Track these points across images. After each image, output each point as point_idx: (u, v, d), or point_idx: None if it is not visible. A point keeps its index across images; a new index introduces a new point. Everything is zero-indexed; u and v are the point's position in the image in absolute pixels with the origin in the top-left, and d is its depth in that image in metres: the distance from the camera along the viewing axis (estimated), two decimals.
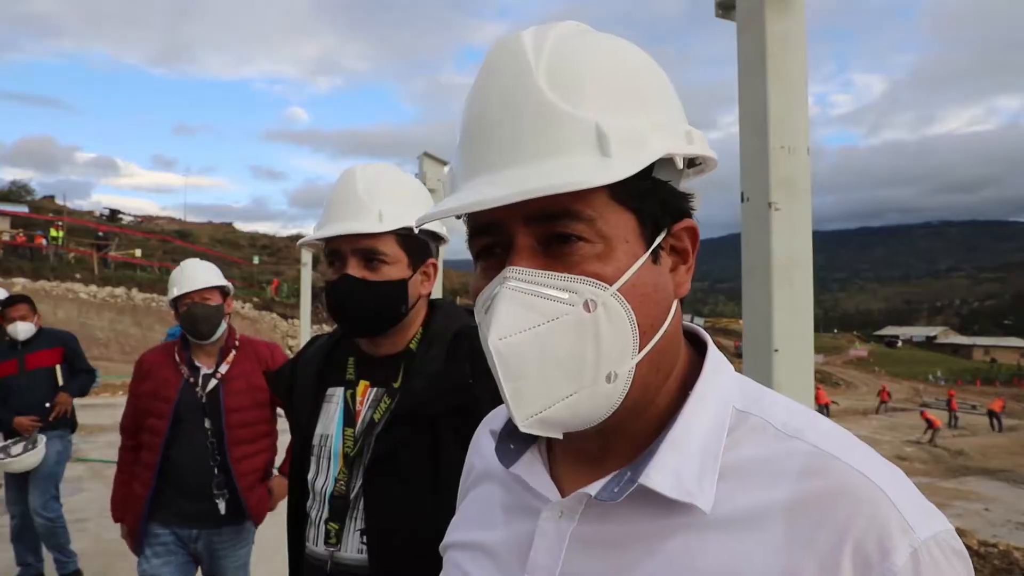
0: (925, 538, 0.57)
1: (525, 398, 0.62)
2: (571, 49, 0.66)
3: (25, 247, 34.27)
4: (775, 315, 2.17)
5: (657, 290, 0.66)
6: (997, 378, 70.00)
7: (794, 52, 2.21)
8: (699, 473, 0.64)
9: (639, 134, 0.63)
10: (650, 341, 0.65)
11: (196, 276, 3.19)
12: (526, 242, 0.64)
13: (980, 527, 12.35)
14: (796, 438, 0.64)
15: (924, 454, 23.17)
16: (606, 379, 0.63)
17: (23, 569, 4.97)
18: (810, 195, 2.24)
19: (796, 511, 0.60)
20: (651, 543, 0.64)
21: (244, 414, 3.10)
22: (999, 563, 7.62)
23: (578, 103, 0.63)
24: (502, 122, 0.64)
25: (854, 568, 0.56)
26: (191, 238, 55.68)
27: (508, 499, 0.79)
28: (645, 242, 0.66)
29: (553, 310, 0.62)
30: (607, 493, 0.65)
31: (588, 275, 0.63)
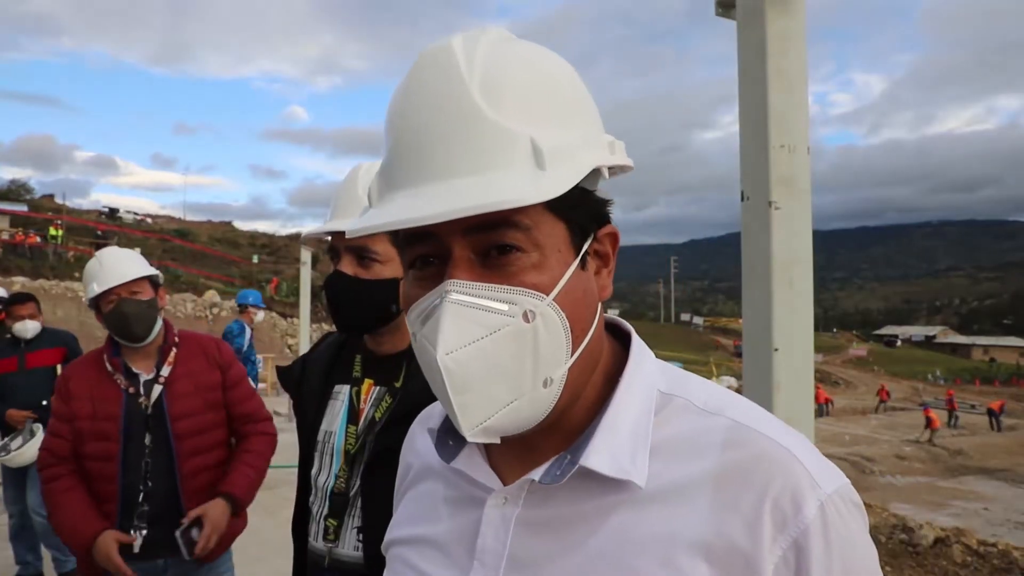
0: (830, 492, 0.65)
1: (471, 410, 0.64)
2: (503, 60, 0.67)
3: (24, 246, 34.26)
4: (775, 314, 2.17)
5: (586, 295, 0.69)
6: (996, 378, 70.06)
7: (794, 51, 2.21)
8: (632, 452, 0.69)
9: (570, 148, 0.65)
10: (581, 344, 0.68)
11: (120, 268, 2.64)
12: (464, 254, 0.65)
13: (979, 527, 12.36)
14: (717, 414, 0.70)
15: (923, 453, 23.19)
16: (543, 384, 0.65)
17: (22, 568, 4.97)
18: (810, 194, 2.23)
19: (721, 479, 0.66)
20: (593, 521, 0.69)
21: (195, 419, 2.65)
22: (998, 562, 7.63)
23: (512, 116, 0.64)
24: (435, 134, 0.64)
25: (773, 523, 0.63)
26: (190, 237, 55.69)
27: (451, 493, 0.81)
28: (574, 249, 0.69)
29: (495, 322, 0.64)
30: (550, 476, 0.69)
31: (526, 286, 0.65)
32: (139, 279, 2.64)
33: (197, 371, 2.72)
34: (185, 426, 2.61)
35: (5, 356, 4.89)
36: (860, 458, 20.97)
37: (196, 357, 2.75)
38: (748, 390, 2.28)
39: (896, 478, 19.72)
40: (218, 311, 29.31)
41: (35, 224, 40.05)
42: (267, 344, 27.18)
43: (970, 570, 7.67)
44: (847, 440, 24.81)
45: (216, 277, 41.48)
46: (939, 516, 13.55)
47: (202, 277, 38.66)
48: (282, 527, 1.79)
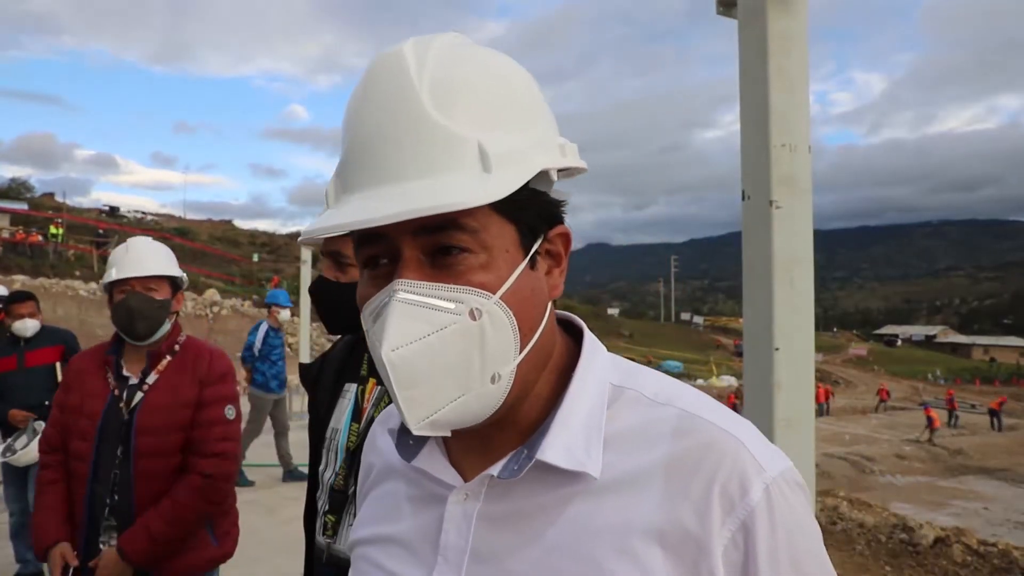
0: (775, 475, 0.68)
1: (417, 404, 0.66)
2: (453, 65, 0.69)
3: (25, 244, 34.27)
4: (776, 313, 2.16)
5: (535, 294, 0.72)
6: (996, 377, 69.95)
7: (795, 50, 2.21)
8: (586, 444, 0.71)
9: (519, 151, 0.68)
10: (530, 342, 0.71)
11: (143, 259, 2.52)
12: (413, 254, 0.67)
13: (979, 526, 12.35)
14: (667, 405, 0.73)
15: (923, 453, 23.18)
16: (491, 380, 0.68)
17: (22, 566, 4.97)
18: (811, 193, 2.23)
19: (672, 467, 0.69)
20: (551, 512, 0.71)
21: (158, 439, 2.40)
22: (998, 562, 7.63)
23: (461, 121, 0.66)
24: (387, 138, 0.67)
25: (721, 507, 0.66)
26: (190, 236, 55.68)
27: (413, 492, 0.82)
28: (524, 250, 0.71)
29: (441, 320, 0.66)
30: (508, 471, 0.72)
31: (473, 285, 0.67)
32: (158, 276, 2.51)
33: (179, 385, 2.49)
34: (146, 443, 2.38)
35: (4, 355, 4.88)
36: (860, 457, 20.95)
37: (185, 370, 2.53)
38: (749, 389, 2.28)
39: (896, 478, 19.71)
40: (218, 310, 29.30)
41: (36, 222, 40.05)
42: None
43: (970, 570, 7.67)
44: (847, 439, 24.80)
45: (216, 276, 41.48)
46: (939, 516, 13.54)
47: (202, 276, 38.66)
48: (282, 526, 1.81)
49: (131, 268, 2.47)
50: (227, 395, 2.57)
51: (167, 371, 2.51)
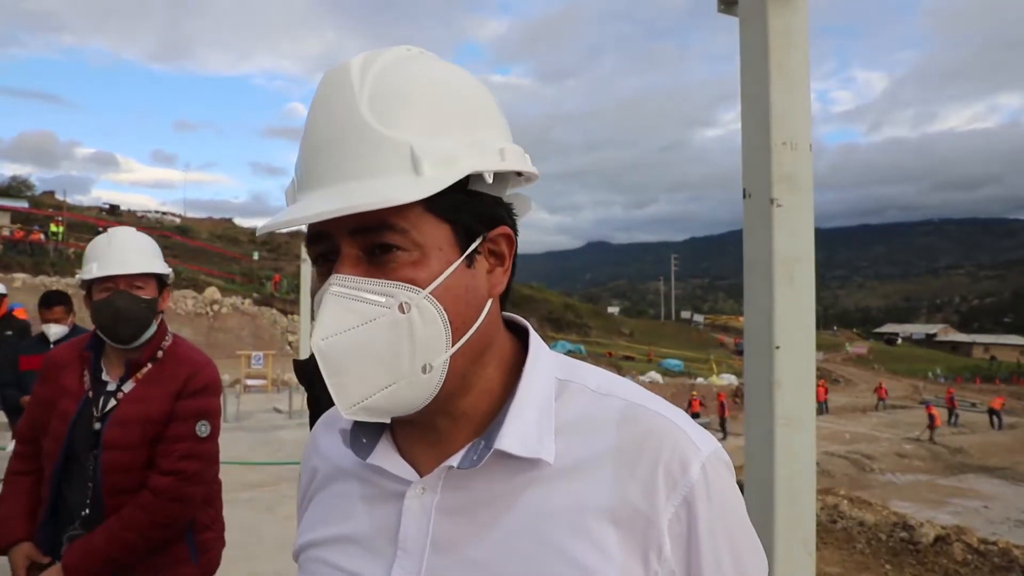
0: (708, 454, 0.75)
1: (347, 390, 0.71)
2: (394, 76, 0.73)
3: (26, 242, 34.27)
4: (776, 312, 2.16)
5: (469, 291, 0.75)
6: (997, 376, 69.82)
7: (796, 48, 2.20)
8: (539, 433, 0.76)
9: (449, 154, 0.71)
10: (463, 336, 0.74)
11: (129, 255, 2.27)
12: (350, 252, 0.72)
13: (979, 525, 12.36)
14: (610, 395, 0.79)
15: (923, 451, 23.19)
16: (422, 370, 0.72)
17: None
18: (812, 191, 2.23)
19: (620, 451, 0.75)
20: (508, 499, 0.75)
21: (128, 454, 2.19)
22: (999, 561, 7.63)
23: (395, 126, 0.71)
24: (329, 143, 0.72)
25: (665, 485, 0.72)
26: (191, 234, 55.68)
27: (366, 490, 0.84)
28: (459, 248, 0.74)
29: (370, 312, 0.70)
30: (467, 462, 0.75)
31: (403, 280, 0.71)
32: (146, 274, 2.29)
33: (156, 397, 2.26)
34: (114, 459, 2.18)
35: (33, 352, 4.91)
36: (860, 456, 20.97)
37: (160, 382, 2.29)
38: (749, 387, 2.28)
39: (896, 476, 19.72)
40: (218, 308, 29.30)
41: (36, 221, 40.05)
42: (267, 341, 27.18)
43: (970, 568, 7.67)
44: (847, 438, 24.81)
45: (217, 274, 41.48)
46: (939, 514, 13.55)
47: (202, 274, 38.65)
48: (282, 523, 1.80)
49: (116, 263, 2.23)
50: (201, 410, 2.32)
51: (144, 381, 2.28)
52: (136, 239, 2.36)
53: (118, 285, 2.23)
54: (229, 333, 27.60)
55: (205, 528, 2.41)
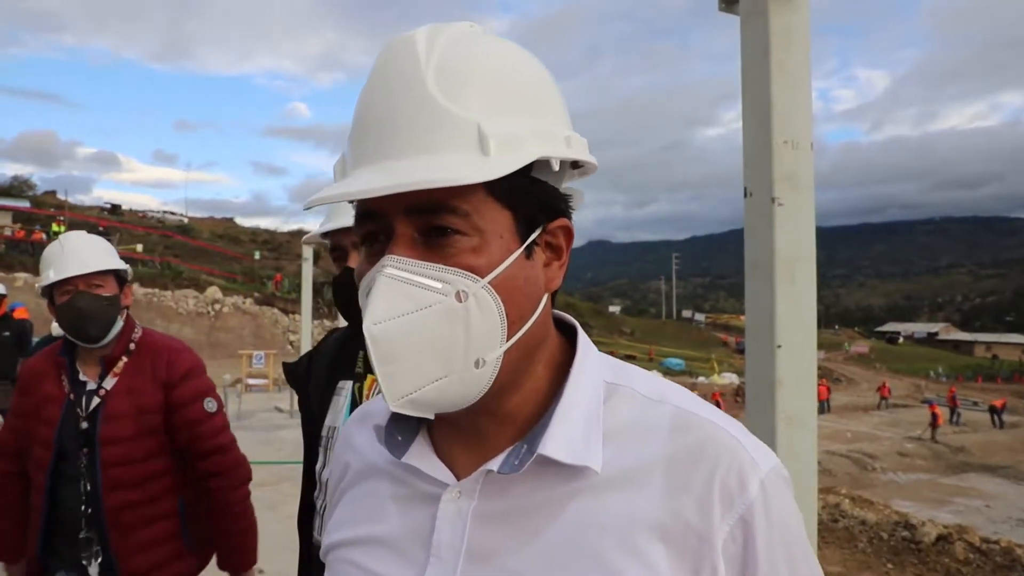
0: (767, 471, 0.70)
1: (397, 380, 0.66)
2: (461, 51, 0.69)
3: (27, 242, 34.31)
4: (778, 311, 2.16)
5: (528, 284, 0.71)
6: (999, 374, 69.83)
7: (798, 46, 2.20)
8: (586, 439, 0.71)
9: (517, 137, 0.67)
10: (519, 331, 0.70)
11: (83, 256, 2.27)
12: (406, 232, 0.68)
13: (981, 524, 12.36)
14: (661, 402, 0.74)
15: (925, 450, 23.18)
16: (475, 365, 0.67)
17: None
18: (813, 190, 2.23)
19: (672, 462, 0.70)
20: (552, 508, 0.70)
21: (125, 447, 2.24)
22: (1001, 560, 7.63)
23: (462, 104, 0.67)
24: (390, 116, 0.68)
25: (721, 502, 0.67)
26: (192, 233, 55.72)
27: (399, 491, 0.80)
28: (520, 238, 0.70)
29: (426, 298, 0.66)
30: (508, 466, 0.71)
31: (462, 267, 0.67)
32: (103, 272, 2.30)
33: (140, 388, 2.30)
34: (112, 453, 2.23)
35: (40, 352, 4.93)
36: (862, 455, 20.96)
37: (143, 372, 2.33)
38: (750, 387, 2.28)
39: (898, 475, 19.71)
40: (220, 307, 29.33)
41: (38, 220, 40.10)
42: (269, 340, 27.21)
43: (972, 567, 7.67)
44: (849, 437, 24.80)
45: (218, 274, 41.53)
46: (941, 513, 13.54)
47: (204, 273, 38.69)
48: (283, 522, 1.80)
49: (71, 266, 2.24)
50: (199, 391, 2.41)
51: (124, 374, 2.31)
52: (88, 240, 2.37)
53: (77, 287, 2.25)
54: (230, 332, 27.64)
55: (201, 519, 2.44)
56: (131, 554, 2.24)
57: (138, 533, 2.26)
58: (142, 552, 2.26)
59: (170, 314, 26.16)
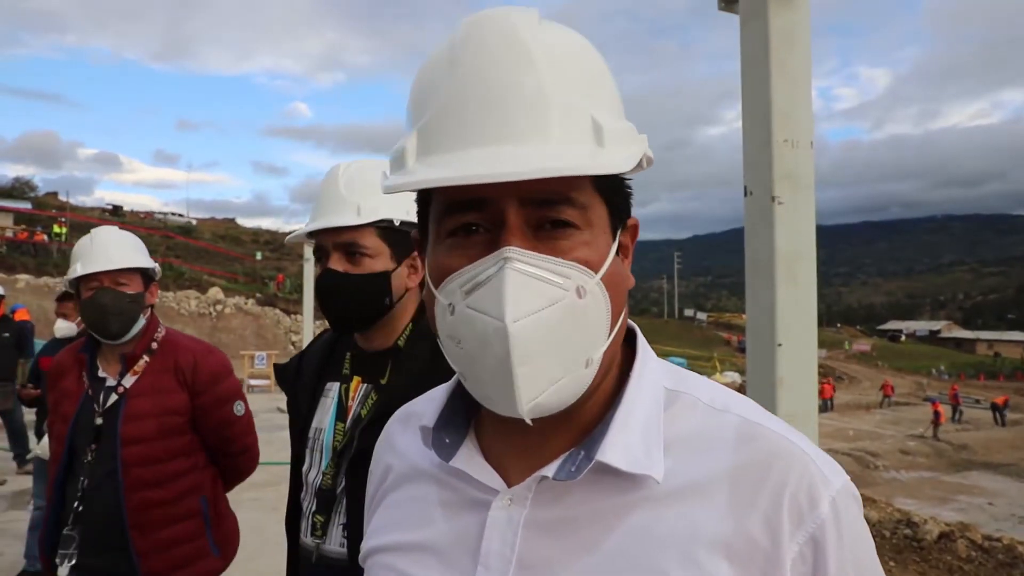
0: (839, 488, 0.66)
1: (531, 382, 0.61)
2: (566, 39, 0.67)
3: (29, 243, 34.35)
4: (778, 310, 2.16)
5: (623, 280, 0.70)
6: (1001, 372, 69.79)
7: (798, 45, 2.20)
8: (646, 447, 0.67)
9: (626, 133, 0.66)
10: (615, 328, 0.68)
11: (110, 251, 2.29)
12: (519, 223, 0.64)
13: (984, 521, 12.34)
14: (725, 411, 0.71)
15: (928, 448, 23.15)
16: (585, 364, 0.64)
17: (28, 563, 4.98)
18: (813, 189, 2.23)
19: (738, 475, 0.66)
20: (609, 519, 0.67)
21: (147, 447, 2.23)
22: (1003, 557, 7.62)
23: (574, 92, 0.64)
24: (499, 98, 0.63)
25: (790, 519, 0.64)
26: (194, 233, 55.73)
27: (445, 496, 0.77)
28: (612, 234, 0.69)
29: (553, 294, 0.62)
30: (564, 473, 0.67)
31: (579, 262, 0.64)
32: (130, 269, 2.32)
33: (163, 387, 2.30)
34: (135, 453, 2.22)
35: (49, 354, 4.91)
36: (864, 453, 20.93)
37: (167, 372, 2.33)
38: (752, 385, 2.28)
39: (900, 473, 19.68)
40: (222, 308, 29.34)
41: (40, 221, 40.13)
42: (271, 341, 27.22)
43: (975, 565, 7.66)
44: (851, 435, 24.77)
45: (220, 274, 41.53)
46: (943, 511, 13.53)
47: (205, 274, 38.70)
48: (279, 522, 1.80)
49: (98, 262, 2.27)
50: (227, 395, 2.43)
51: (147, 374, 2.31)
52: (117, 236, 2.39)
53: (102, 282, 2.27)
54: (232, 333, 27.64)
55: (223, 518, 2.46)
56: (153, 553, 2.22)
57: (160, 533, 2.24)
58: (164, 551, 2.24)
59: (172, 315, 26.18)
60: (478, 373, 0.65)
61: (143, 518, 2.22)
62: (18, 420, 8.09)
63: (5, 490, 7.68)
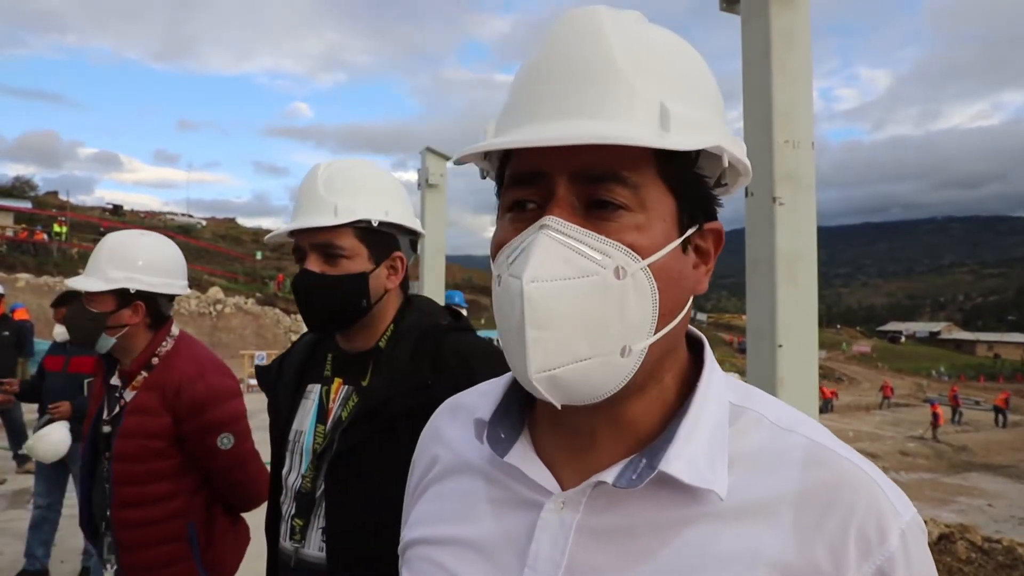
0: (908, 520, 0.64)
1: (543, 350, 0.61)
2: (646, 31, 0.68)
3: (29, 242, 34.37)
4: (779, 310, 2.16)
5: (682, 278, 0.68)
6: (1001, 373, 69.77)
7: (798, 46, 2.20)
8: (711, 461, 0.65)
9: (699, 121, 0.65)
10: (667, 325, 0.66)
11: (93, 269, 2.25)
12: (568, 197, 0.64)
13: (983, 523, 12.33)
14: (792, 431, 0.69)
15: (927, 449, 23.14)
16: (621, 352, 0.63)
17: (28, 562, 4.97)
18: (814, 190, 2.23)
19: (804, 498, 0.64)
20: (665, 532, 0.65)
21: (130, 466, 2.19)
22: (1003, 559, 7.61)
23: (647, 79, 0.64)
24: (568, 78, 0.65)
25: (858, 549, 0.62)
26: (194, 233, 55.72)
27: (494, 492, 0.75)
28: (680, 229, 0.67)
29: (585, 267, 0.62)
30: (625, 480, 0.65)
31: (624, 243, 0.63)
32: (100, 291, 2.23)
33: (146, 410, 2.22)
34: (121, 471, 2.19)
35: (54, 353, 4.88)
36: (864, 454, 20.91)
37: (155, 392, 2.23)
38: (752, 385, 2.28)
39: (900, 474, 19.66)
40: (222, 308, 29.33)
41: (40, 221, 40.14)
42: (271, 340, 27.21)
43: (974, 567, 7.66)
44: (851, 436, 24.76)
45: (220, 274, 41.53)
46: (943, 512, 13.52)
47: (205, 274, 38.69)
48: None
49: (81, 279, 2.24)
50: (212, 425, 2.26)
51: (141, 391, 2.25)
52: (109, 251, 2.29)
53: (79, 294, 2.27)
54: (232, 333, 27.64)
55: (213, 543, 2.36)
56: (137, 571, 2.20)
57: (144, 553, 2.19)
58: (148, 571, 2.20)
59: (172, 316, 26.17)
60: (505, 339, 0.65)
61: (127, 535, 2.18)
62: (18, 419, 8.09)
63: (5, 489, 7.68)
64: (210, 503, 2.35)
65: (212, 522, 2.35)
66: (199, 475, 2.30)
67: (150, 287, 2.30)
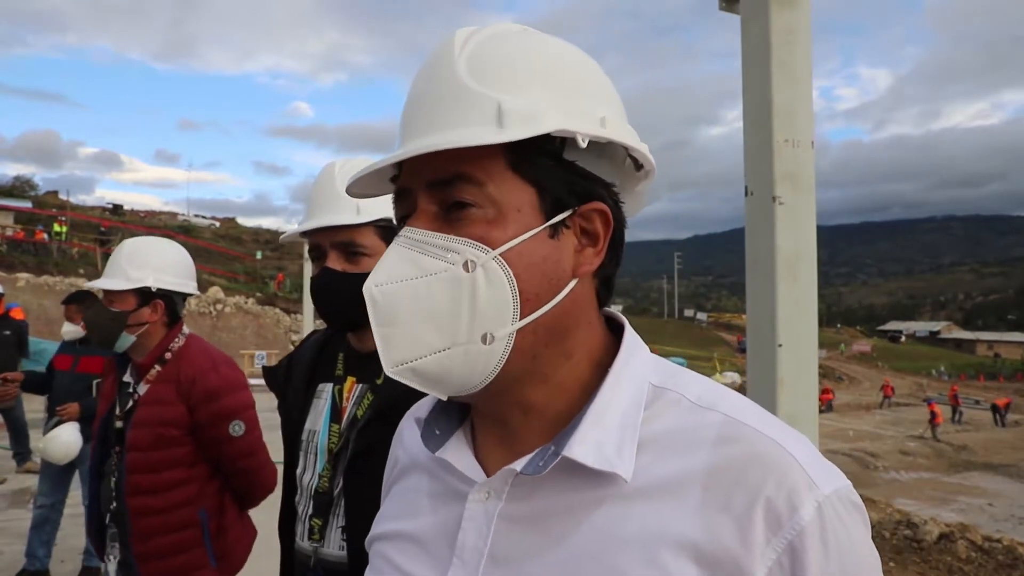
0: (828, 493, 0.62)
1: (394, 345, 0.67)
2: (495, 43, 0.72)
3: (29, 242, 34.37)
4: (779, 310, 2.16)
5: (547, 263, 0.69)
6: (1001, 373, 69.73)
7: (799, 45, 2.20)
8: (619, 444, 0.67)
9: (535, 111, 0.67)
10: (535, 311, 0.67)
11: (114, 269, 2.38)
12: (426, 207, 0.70)
13: (983, 522, 12.34)
14: (710, 409, 0.68)
15: (927, 449, 23.14)
16: (482, 340, 0.66)
17: (28, 561, 4.98)
18: (814, 189, 2.23)
19: (713, 476, 0.64)
20: (577, 515, 0.67)
21: (145, 455, 2.29)
22: (1003, 558, 7.62)
23: (487, 84, 0.68)
24: (423, 99, 0.71)
25: (766, 524, 0.60)
26: (194, 233, 55.73)
27: (434, 487, 0.79)
28: (544, 216, 0.69)
29: (432, 266, 0.66)
30: (532, 467, 0.68)
31: (473, 238, 0.67)
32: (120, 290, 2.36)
33: (164, 398, 2.34)
34: (134, 460, 2.29)
35: (64, 353, 4.87)
36: (864, 454, 20.93)
37: (170, 383, 2.36)
38: (752, 386, 2.28)
39: (900, 474, 19.68)
40: (222, 307, 29.34)
41: (40, 220, 40.14)
42: (271, 340, 27.23)
43: (975, 566, 7.66)
44: (851, 436, 24.76)
45: (220, 273, 41.54)
46: (943, 512, 13.53)
47: (206, 273, 38.72)
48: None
49: (102, 279, 2.37)
50: (225, 413, 2.39)
51: (155, 383, 2.36)
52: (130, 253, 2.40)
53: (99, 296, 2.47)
54: (232, 332, 27.65)
55: (227, 530, 2.44)
56: (150, 559, 2.27)
57: (157, 540, 2.28)
58: (161, 559, 2.28)
59: None
60: None
61: (141, 523, 2.27)
62: (19, 419, 8.09)
63: (5, 489, 7.69)
64: (221, 491, 2.46)
65: (223, 511, 2.45)
66: (211, 464, 2.42)
67: (170, 286, 2.44)
